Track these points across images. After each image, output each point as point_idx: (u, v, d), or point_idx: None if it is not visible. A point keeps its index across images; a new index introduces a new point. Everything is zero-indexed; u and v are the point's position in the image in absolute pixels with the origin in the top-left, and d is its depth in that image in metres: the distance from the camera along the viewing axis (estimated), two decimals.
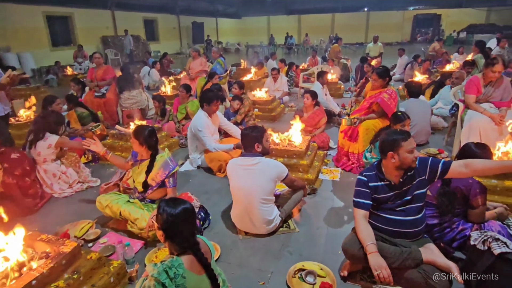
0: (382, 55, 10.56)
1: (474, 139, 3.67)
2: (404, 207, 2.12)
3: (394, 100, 3.76)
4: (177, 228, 1.45)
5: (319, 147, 4.36)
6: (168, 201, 1.52)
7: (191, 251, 1.46)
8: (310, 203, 3.15)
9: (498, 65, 3.63)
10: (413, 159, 2.04)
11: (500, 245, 1.90)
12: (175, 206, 1.48)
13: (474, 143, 2.49)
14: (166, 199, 1.57)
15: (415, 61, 8.73)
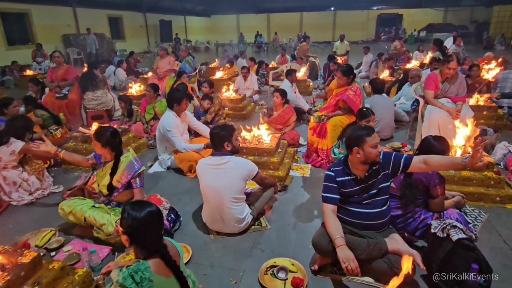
0: (348, 53, 10.87)
1: (434, 133, 3.87)
2: (370, 200, 2.20)
3: (359, 97, 3.88)
4: (142, 232, 1.41)
5: (289, 144, 4.42)
6: (133, 204, 1.47)
7: (159, 255, 1.43)
8: (281, 200, 3.18)
9: (453, 62, 3.84)
10: (377, 154, 2.12)
11: (457, 231, 2.02)
12: (140, 209, 1.43)
13: (432, 137, 2.62)
14: (131, 202, 1.52)
15: (380, 59, 9.07)
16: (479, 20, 22.82)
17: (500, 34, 18.82)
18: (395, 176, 2.25)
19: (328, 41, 25.44)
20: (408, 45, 19.35)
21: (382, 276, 2.09)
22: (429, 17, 25.04)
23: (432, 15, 25.20)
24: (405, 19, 26.51)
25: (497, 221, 2.72)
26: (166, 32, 22.55)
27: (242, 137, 3.84)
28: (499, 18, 19.69)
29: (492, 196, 2.95)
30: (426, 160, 2.11)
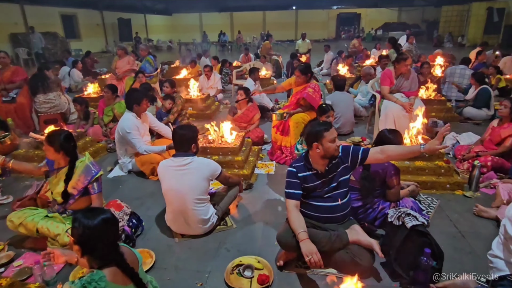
0: (310, 51, 11.10)
1: (390, 126, 4.07)
2: (331, 194, 2.26)
3: (318, 93, 3.98)
4: (96, 241, 1.33)
5: (254, 142, 4.43)
6: (85, 212, 1.39)
7: (115, 263, 1.36)
8: (247, 198, 3.19)
9: (409, 59, 4.08)
10: (336, 148, 2.18)
11: (411, 219, 2.13)
12: (93, 217, 1.36)
13: (387, 130, 2.75)
14: (83, 210, 1.44)
15: (340, 57, 9.36)
16: (430, 20, 24.32)
17: (448, 32, 20.18)
18: (354, 168, 2.33)
19: (291, 40, 25.83)
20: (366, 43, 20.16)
21: (344, 266, 2.16)
22: (384, 16, 26.28)
23: (388, 14, 26.48)
24: (363, 18, 27.61)
25: (447, 207, 2.91)
26: (125, 31, 21.72)
27: (206, 137, 3.80)
28: (447, 18, 21.09)
29: (443, 184, 3.16)
30: (383, 150, 2.21)
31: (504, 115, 3.51)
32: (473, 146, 3.71)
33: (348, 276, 2.11)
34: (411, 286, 2.03)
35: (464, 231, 2.58)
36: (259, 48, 13.30)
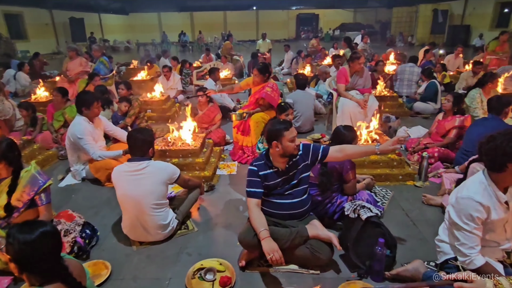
0: (271, 51, 11.22)
1: (347, 122, 4.22)
2: (292, 191, 2.29)
3: (276, 92, 4.02)
4: (34, 257, 1.23)
5: (216, 143, 4.39)
6: (20, 226, 1.28)
7: (59, 279, 1.27)
8: (209, 200, 3.14)
9: (362, 58, 4.25)
10: (295, 147, 2.21)
11: (366, 211, 2.22)
12: (30, 231, 1.25)
13: (342, 126, 2.84)
14: (19, 224, 1.32)
15: (299, 56, 9.56)
16: (383, 20, 25.63)
17: (399, 32, 21.39)
18: (313, 165, 2.38)
19: (252, 40, 25.96)
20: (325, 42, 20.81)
21: (305, 261, 2.20)
22: (341, 17, 27.28)
23: (344, 15, 27.52)
24: (321, 19, 28.43)
25: (400, 197, 3.07)
26: (78, 31, 20.56)
27: (165, 139, 3.70)
28: (398, 19, 22.35)
29: (395, 176, 3.33)
30: (342, 149, 2.30)
31: (448, 109, 3.77)
32: (422, 139, 3.95)
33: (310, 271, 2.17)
34: (367, 275, 2.12)
35: (415, 219, 2.73)
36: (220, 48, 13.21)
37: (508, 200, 1.76)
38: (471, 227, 1.73)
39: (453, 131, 3.64)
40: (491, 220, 1.73)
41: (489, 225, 1.79)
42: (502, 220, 1.78)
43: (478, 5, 17.44)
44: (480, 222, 1.72)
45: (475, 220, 1.71)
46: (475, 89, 4.33)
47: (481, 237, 1.77)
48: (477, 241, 1.75)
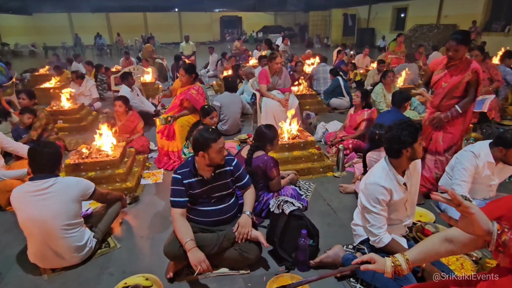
0: (195, 53, 11.05)
1: (271, 121, 4.36)
2: (217, 197, 2.26)
3: (201, 95, 3.97)
4: None
5: (139, 151, 4.16)
6: None
7: None
8: (132, 212, 2.95)
9: (278, 58, 4.42)
10: (222, 158, 2.18)
11: (289, 205, 2.31)
12: None
13: (264, 125, 2.92)
14: None
15: (224, 58, 9.60)
16: (301, 23, 27.20)
17: (316, 34, 22.95)
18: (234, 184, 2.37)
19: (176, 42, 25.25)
20: (249, 44, 21.32)
21: (235, 263, 2.20)
22: (263, 20, 28.21)
23: (266, 18, 28.52)
24: (244, 21, 29.04)
25: (321, 188, 3.28)
26: None
27: (79, 152, 3.37)
28: (314, 22, 23.95)
29: (317, 169, 3.55)
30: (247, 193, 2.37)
31: (357, 104, 4.15)
32: (338, 132, 4.29)
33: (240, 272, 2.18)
34: (294, 267, 2.21)
35: (335, 207, 2.94)
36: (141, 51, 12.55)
37: (406, 181, 2.00)
38: (378, 209, 1.92)
39: (363, 124, 4.02)
40: (393, 201, 1.95)
41: (392, 205, 2.01)
42: (402, 200, 2.02)
43: (379, 10, 19.64)
44: (385, 204, 1.93)
45: (381, 203, 1.91)
46: (379, 85, 4.85)
47: (387, 217, 1.99)
48: (383, 221, 1.96)
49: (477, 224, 1.03)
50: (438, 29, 14.26)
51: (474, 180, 2.54)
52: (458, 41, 2.64)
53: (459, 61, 2.75)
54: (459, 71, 2.76)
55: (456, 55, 2.71)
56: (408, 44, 13.43)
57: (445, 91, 2.82)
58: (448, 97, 2.83)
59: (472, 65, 2.74)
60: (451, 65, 2.79)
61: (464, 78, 2.73)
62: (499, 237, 1.00)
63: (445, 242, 1.30)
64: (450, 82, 2.78)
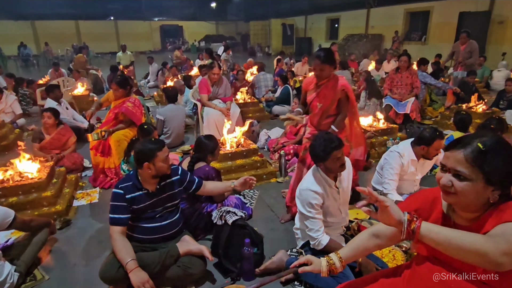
0: (133, 63, 10.61)
1: (213, 130, 4.34)
2: (163, 212, 2.17)
3: (139, 108, 3.80)
4: None
5: (71, 169, 3.84)
6: None
7: None
8: (64, 238, 2.70)
9: (216, 69, 4.42)
10: (168, 167, 2.11)
11: (231, 215, 2.30)
12: None
13: (204, 136, 2.89)
14: None
15: (165, 68, 9.36)
16: (243, 32, 27.69)
17: (258, 43, 23.54)
18: (187, 192, 2.34)
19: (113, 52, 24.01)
20: (191, 54, 21.10)
21: (178, 280, 2.12)
22: (205, 29, 28.19)
23: (207, 27, 28.54)
24: (186, 30, 28.69)
25: (265, 195, 3.33)
26: None
27: None
28: (255, 31, 24.55)
29: (260, 175, 3.59)
30: (205, 184, 2.37)
31: None
32: (280, 139, 4.41)
33: None
34: (240, 277, 2.19)
35: (278, 213, 3.00)
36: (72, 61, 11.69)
37: (338, 185, 2.12)
38: (313, 213, 2.00)
39: (302, 129, 4.18)
40: (327, 204, 2.05)
41: (327, 209, 2.11)
42: (336, 203, 2.13)
43: (315, 21, 20.81)
44: (319, 208, 2.02)
45: (315, 207, 2.00)
46: None
47: (324, 219, 2.08)
48: (320, 224, 2.04)
49: (391, 215, 1.13)
50: (366, 39, 15.54)
51: (401, 177, 2.77)
52: (322, 61, 2.56)
53: (328, 79, 2.67)
54: (329, 89, 2.68)
55: (322, 74, 2.63)
56: (341, 52, 14.40)
57: (321, 112, 2.74)
58: (324, 117, 2.75)
59: (340, 82, 2.67)
60: (321, 84, 2.70)
61: (335, 97, 2.67)
62: (409, 225, 1.11)
63: (372, 237, 1.40)
64: (323, 103, 2.70)
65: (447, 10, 12.20)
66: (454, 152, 1.10)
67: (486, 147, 1.05)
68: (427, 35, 13.60)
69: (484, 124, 3.15)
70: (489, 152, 1.04)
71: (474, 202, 1.10)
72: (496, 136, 1.09)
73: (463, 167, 1.07)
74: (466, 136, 1.14)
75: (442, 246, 1.06)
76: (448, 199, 1.14)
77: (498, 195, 1.07)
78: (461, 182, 1.08)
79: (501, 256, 0.95)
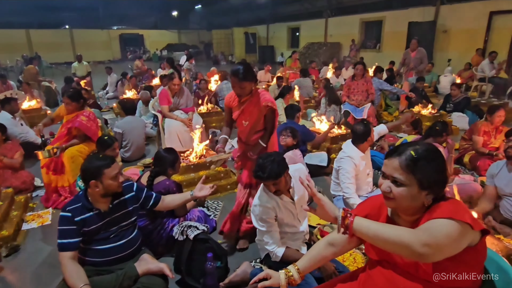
0: (90, 74, 10.17)
1: (175, 142, 4.26)
2: (118, 232, 2.06)
3: (94, 122, 3.64)
4: None
5: (21, 189, 3.58)
6: None
7: None
8: (11, 266, 2.49)
9: (176, 79, 4.35)
10: (118, 185, 2.00)
11: (193, 230, 2.25)
12: None
13: (163, 149, 2.82)
14: None
15: (124, 78, 9.08)
16: (206, 41, 27.62)
17: (221, 52, 23.60)
18: (144, 209, 2.23)
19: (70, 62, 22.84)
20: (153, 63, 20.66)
21: None
22: (167, 38, 27.75)
23: (169, 36, 28.12)
24: (147, 39, 28.05)
25: (230, 205, 3.24)
26: None
27: None
28: (218, 40, 24.61)
29: (224, 186, 3.57)
30: (163, 199, 2.26)
31: None
32: None
33: None
34: None
35: None
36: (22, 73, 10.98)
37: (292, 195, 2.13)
38: (266, 228, 2.03)
39: None
40: (281, 217, 2.07)
41: (282, 221, 2.10)
42: (293, 214, 2.13)
43: (276, 30, 21.28)
44: (272, 221, 2.04)
45: (267, 221, 2.02)
46: (278, 100, 5.19)
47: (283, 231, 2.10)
48: (274, 237, 2.05)
49: (326, 211, 1.26)
50: (326, 47, 16.13)
51: (357, 177, 2.86)
52: (240, 78, 2.34)
53: (250, 95, 2.49)
54: (253, 106, 2.50)
55: (243, 92, 2.42)
56: (303, 60, 14.84)
57: (248, 128, 2.58)
58: (253, 132, 2.59)
59: (263, 97, 2.48)
60: (244, 101, 2.51)
61: (260, 113, 2.50)
62: (343, 221, 1.20)
63: (328, 246, 1.43)
64: (249, 120, 2.54)
65: (398, 20, 13.01)
66: (391, 160, 1.18)
67: (417, 155, 1.13)
68: (381, 43, 14.40)
69: (431, 127, 3.37)
70: (420, 160, 1.13)
71: (411, 206, 1.17)
72: (428, 145, 1.19)
73: (399, 174, 1.15)
74: (402, 144, 1.22)
75: (372, 239, 1.16)
76: (388, 204, 1.22)
77: (432, 198, 1.15)
78: (398, 188, 1.16)
79: (422, 247, 1.03)
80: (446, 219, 1.05)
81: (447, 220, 1.05)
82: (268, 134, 2.59)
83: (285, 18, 20.40)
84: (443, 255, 1.04)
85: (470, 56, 10.05)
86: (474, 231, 1.07)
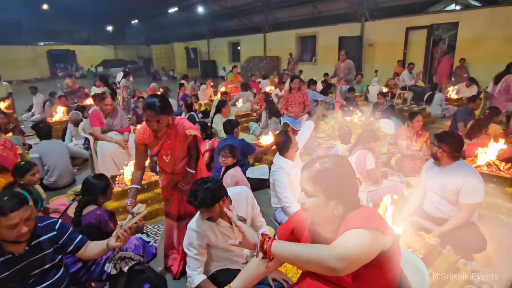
0: (12, 95, 9.18)
1: (110, 165, 4.00)
2: (38, 275, 1.82)
3: (11, 150, 3.28)
4: None
5: None
6: None
7: None
8: None
9: (108, 99, 4.11)
10: (21, 234, 1.68)
11: (127, 261, 2.11)
12: None
13: (92, 176, 2.63)
14: None
15: (53, 98, 8.38)
16: (145, 56, 26.78)
17: (162, 67, 23.07)
18: (63, 252, 1.95)
19: None
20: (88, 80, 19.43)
21: None
22: (101, 53, 26.35)
23: (104, 52, 26.75)
24: (79, 55, 26.31)
25: None
26: None
27: None
28: (158, 55, 24.04)
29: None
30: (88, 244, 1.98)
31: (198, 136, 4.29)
32: None
33: None
34: None
35: None
36: None
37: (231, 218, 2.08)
38: (192, 253, 1.98)
39: (206, 154, 4.17)
40: (215, 243, 2.01)
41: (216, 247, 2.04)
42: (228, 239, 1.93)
43: (217, 44, 21.47)
44: (202, 250, 1.99)
45: (196, 247, 1.97)
46: (217, 115, 5.19)
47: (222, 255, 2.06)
48: (198, 264, 2.00)
49: (247, 239, 1.27)
50: (266, 60, 16.67)
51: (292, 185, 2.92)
52: (158, 112, 2.12)
53: (167, 128, 2.30)
54: (173, 138, 2.33)
55: (160, 126, 2.20)
56: (244, 73, 15.13)
57: (173, 162, 2.40)
58: (178, 163, 2.43)
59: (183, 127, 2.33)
60: (162, 135, 2.32)
61: (183, 144, 2.36)
62: (261, 246, 1.22)
63: (261, 263, 1.43)
64: (171, 155, 2.36)
65: (329, 35, 13.98)
66: (303, 173, 1.25)
67: (322, 167, 1.20)
68: (316, 56, 15.31)
69: (360, 135, 3.63)
70: (323, 171, 1.20)
71: (322, 216, 1.23)
72: (335, 157, 1.26)
73: (308, 186, 1.22)
74: (313, 158, 1.29)
75: (291, 260, 1.18)
76: (305, 214, 1.28)
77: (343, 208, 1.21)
78: (309, 198, 1.23)
79: (337, 262, 1.06)
80: (357, 229, 1.11)
81: (359, 230, 1.11)
82: (194, 160, 2.47)
83: (225, 33, 20.72)
84: (358, 265, 1.09)
85: (393, 67, 11.16)
86: (385, 236, 1.14)
